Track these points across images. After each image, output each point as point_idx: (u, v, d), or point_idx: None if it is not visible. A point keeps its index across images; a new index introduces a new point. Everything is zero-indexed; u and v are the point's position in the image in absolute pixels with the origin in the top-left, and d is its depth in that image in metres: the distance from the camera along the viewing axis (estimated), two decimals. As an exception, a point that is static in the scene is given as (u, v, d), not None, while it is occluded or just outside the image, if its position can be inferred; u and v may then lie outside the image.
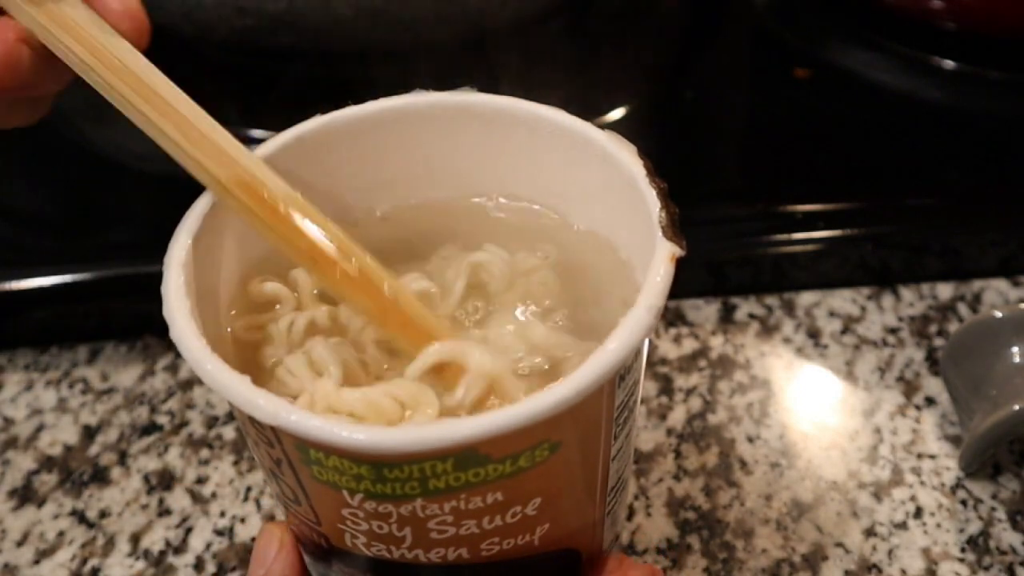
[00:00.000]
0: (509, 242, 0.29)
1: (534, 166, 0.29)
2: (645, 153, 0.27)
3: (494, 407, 0.23)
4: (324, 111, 0.29)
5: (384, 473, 0.22)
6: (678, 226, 0.24)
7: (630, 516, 0.37)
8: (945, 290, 0.45)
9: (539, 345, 0.26)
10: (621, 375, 0.23)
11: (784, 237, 0.45)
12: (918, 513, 0.36)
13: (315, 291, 0.27)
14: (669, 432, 0.39)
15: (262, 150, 0.27)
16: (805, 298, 0.45)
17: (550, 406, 0.21)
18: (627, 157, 0.26)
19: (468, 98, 0.29)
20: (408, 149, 0.30)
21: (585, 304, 0.28)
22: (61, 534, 0.38)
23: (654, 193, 0.25)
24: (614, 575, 0.27)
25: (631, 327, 0.22)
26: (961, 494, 0.37)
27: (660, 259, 0.24)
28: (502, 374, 0.24)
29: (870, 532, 0.36)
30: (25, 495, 0.39)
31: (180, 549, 0.37)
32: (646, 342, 0.25)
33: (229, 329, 0.27)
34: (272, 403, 0.21)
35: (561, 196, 0.30)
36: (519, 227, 0.30)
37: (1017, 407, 0.34)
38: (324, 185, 0.29)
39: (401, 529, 0.23)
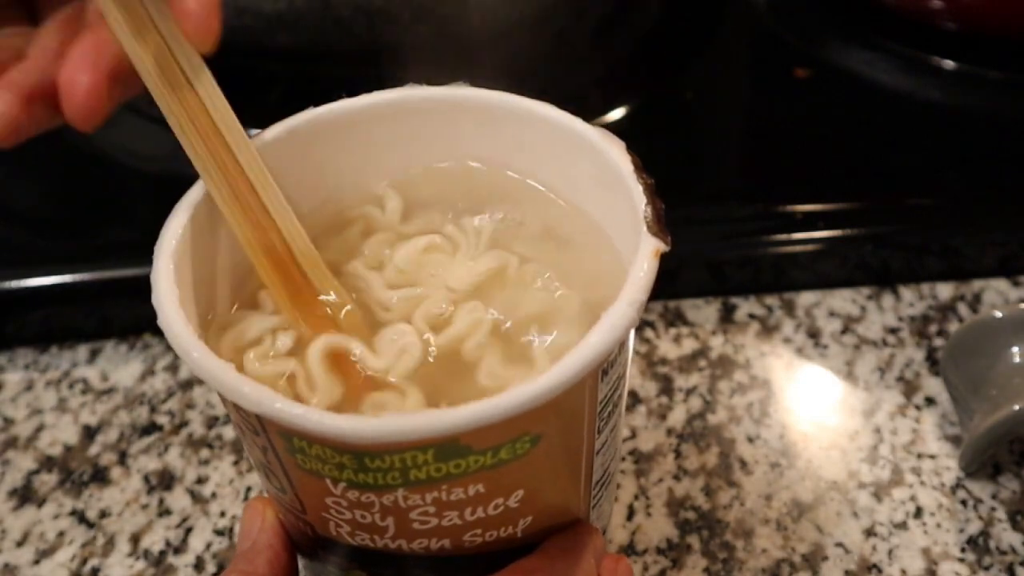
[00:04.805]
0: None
1: (526, 160, 0.30)
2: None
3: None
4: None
5: (366, 462, 0.22)
6: (663, 222, 0.25)
7: (630, 516, 0.37)
8: (945, 290, 0.45)
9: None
10: (604, 369, 0.24)
11: (784, 237, 0.45)
12: (918, 513, 0.36)
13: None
14: (669, 432, 0.39)
15: (255, 142, 0.28)
16: (805, 298, 0.45)
17: (530, 399, 0.21)
18: (615, 153, 0.27)
19: (461, 92, 0.29)
20: (400, 142, 0.30)
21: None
22: (61, 534, 0.38)
23: (640, 189, 0.25)
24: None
25: (613, 321, 0.22)
26: (961, 494, 0.37)
27: (644, 254, 0.24)
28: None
29: (870, 532, 0.36)
30: (25, 495, 0.39)
31: (180, 549, 0.37)
32: (631, 337, 0.25)
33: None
34: (256, 391, 0.22)
35: (553, 189, 0.30)
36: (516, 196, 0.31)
37: (1017, 407, 0.34)
38: (314, 179, 0.30)
39: (384, 519, 0.24)
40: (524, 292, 0.27)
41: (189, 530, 0.37)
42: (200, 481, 0.39)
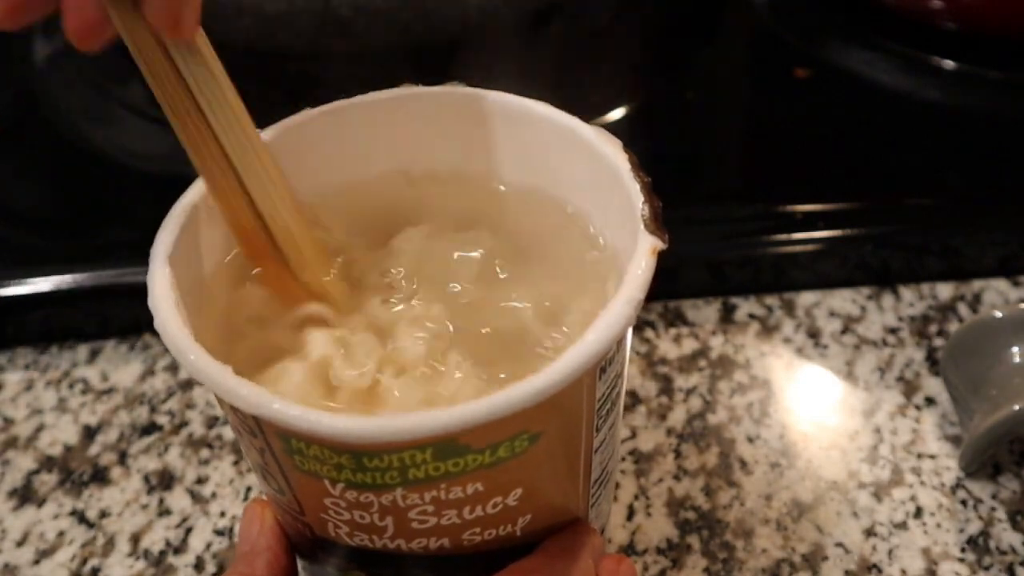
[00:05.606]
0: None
1: (523, 159, 0.30)
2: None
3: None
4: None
5: (364, 462, 0.22)
6: (661, 220, 0.25)
7: (630, 516, 0.37)
8: (945, 290, 0.45)
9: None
10: (602, 367, 0.24)
11: (784, 237, 0.45)
12: (918, 513, 0.36)
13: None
14: (669, 432, 0.39)
15: None
16: (805, 298, 0.45)
17: (528, 396, 0.21)
18: (612, 151, 0.27)
19: (457, 91, 0.29)
20: (399, 142, 0.30)
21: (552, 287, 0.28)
22: (61, 534, 0.38)
23: (638, 187, 0.25)
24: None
25: (610, 319, 0.22)
26: (961, 494, 0.37)
27: (641, 252, 0.24)
28: None
29: (870, 532, 0.36)
30: (25, 495, 0.39)
31: (180, 549, 0.37)
32: (628, 335, 0.25)
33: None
34: (253, 392, 0.21)
35: (549, 188, 0.30)
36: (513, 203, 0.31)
37: (1017, 407, 0.34)
38: (312, 178, 0.30)
39: (382, 519, 0.24)
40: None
41: (189, 530, 0.37)
42: (200, 481, 0.39)
